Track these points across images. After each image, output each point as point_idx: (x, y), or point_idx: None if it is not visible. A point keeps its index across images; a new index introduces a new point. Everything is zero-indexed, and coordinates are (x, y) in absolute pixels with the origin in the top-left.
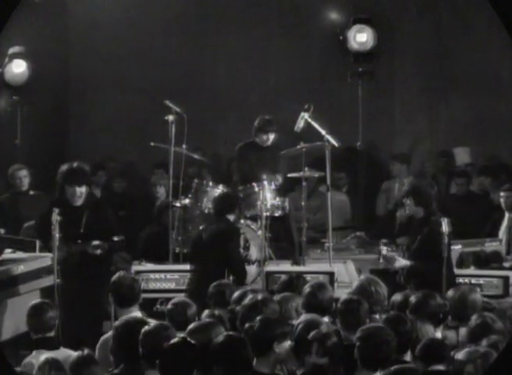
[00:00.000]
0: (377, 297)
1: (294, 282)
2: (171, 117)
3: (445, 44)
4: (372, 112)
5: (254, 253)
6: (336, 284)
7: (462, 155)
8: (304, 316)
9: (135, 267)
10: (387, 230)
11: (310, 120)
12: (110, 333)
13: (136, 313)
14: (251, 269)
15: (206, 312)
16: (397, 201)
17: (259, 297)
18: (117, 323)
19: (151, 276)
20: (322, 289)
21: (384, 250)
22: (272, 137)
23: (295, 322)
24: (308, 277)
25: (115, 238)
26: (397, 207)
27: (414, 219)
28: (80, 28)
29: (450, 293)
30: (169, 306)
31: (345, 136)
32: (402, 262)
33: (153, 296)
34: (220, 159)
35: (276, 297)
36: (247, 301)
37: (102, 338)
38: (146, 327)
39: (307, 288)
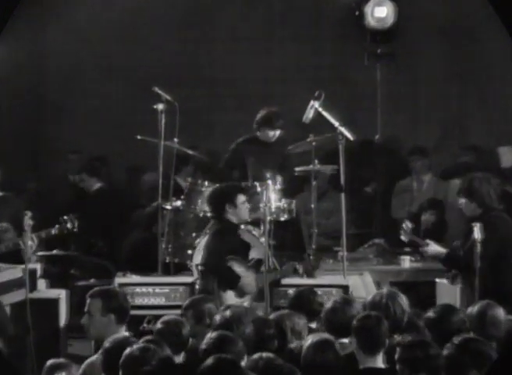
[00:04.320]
0: (396, 313)
1: (305, 297)
2: (160, 106)
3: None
4: (393, 100)
5: (252, 252)
6: None
7: (508, 156)
8: (313, 337)
9: (118, 279)
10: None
11: (320, 110)
12: (95, 356)
13: (123, 334)
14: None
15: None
16: (422, 204)
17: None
18: (106, 343)
19: (137, 289)
20: (348, 305)
21: (407, 226)
22: (277, 133)
23: (293, 345)
24: (319, 292)
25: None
26: (422, 210)
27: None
28: (58, 8)
29: (470, 308)
30: (159, 325)
31: (361, 127)
32: (436, 247)
33: (139, 313)
34: (217, 156)
35: (273, 315)
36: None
37: (87, 361)
38: (128, 349)
39: (329, 304)
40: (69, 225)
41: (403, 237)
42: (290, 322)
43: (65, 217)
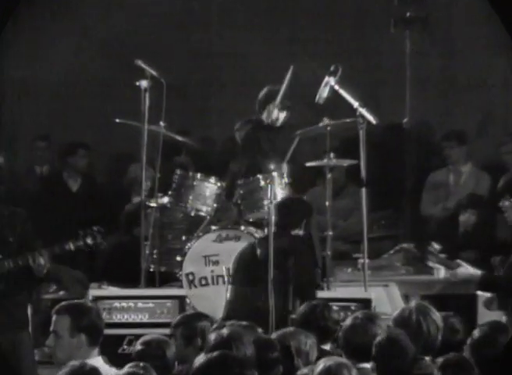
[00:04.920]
0: (430, 332)
1: (318, 313)
2: (144, 83)
3: None
4: (425, 75)
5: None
6: None
7: None
8: (327, 361)
9: (93, 292)
10: (445, 240)
11: (337, 88)
12: None
13: (96, 359)
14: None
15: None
16: (460, 201)
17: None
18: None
19: (116, 304)
20: (370, 323)
21: (434, 248)
22: (283, 115)
23: (303, 371)
24: (335, 307)
25: None
26: (460, 208)
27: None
28: None
29: None
30: (139, 346)
31: (386, 109)
32: (469, 269)
33: (118, 332)
34: (212, 143)
35: (275, 334)
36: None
37: None
38: None
39: (348, 320)
40: (89, 240)
41: (430, 263)
42: (295, 341)
43: (87, 230)
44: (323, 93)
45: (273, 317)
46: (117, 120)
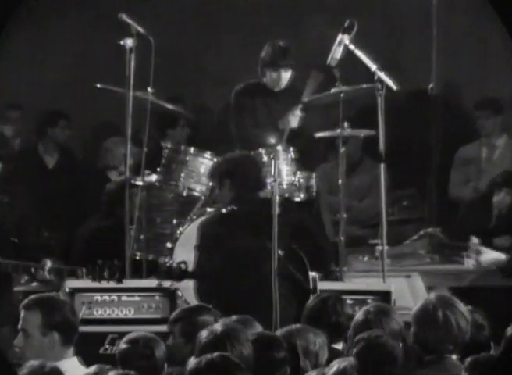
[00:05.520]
0: (461, 328)
1: (329, 307)
2: (130, 42)
3: None
4: (454, 33)
5: None
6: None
7: None
8: (340, 363)
9: (70, 283)
10: (477, 223)
11: (352, 47)
12: None
13: (71, 360)
14: None
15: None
16: (494, 178)
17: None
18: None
19: (97, 297)
20: (385, 317)
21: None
22: (287, 75)
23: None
24: (349, 300)
25: None
26: (494, 187)
27: None
28: None
29: None
30: (123, 345)
31: (409, 73)
32: (492, 254)
33: (99, 330)
34: (207, 112)
35: (280, 331)
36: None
37: None
38: None
39: (359, 315)
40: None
41: (471, 264)
42: (303, 340)
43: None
44: (336, 53)
45: (277, 312)
46: (98, 86)
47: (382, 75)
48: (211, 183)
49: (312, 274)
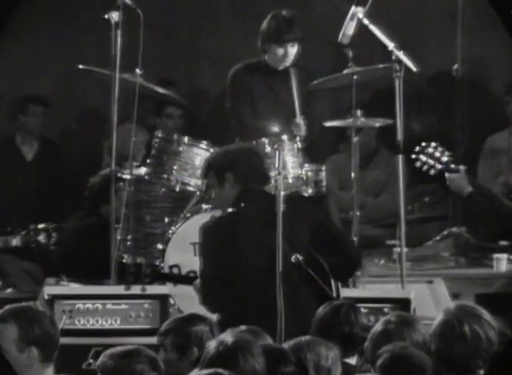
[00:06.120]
0: (491, 340)
1: (341, 317)
2: (116, 16)
3: None
4: (481, 8)
5: None
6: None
7: None
8: None
9: (50, 289)
10: (507, 223)
11: (367, 22)
12: None
13: None
14: None
15: None
16: None
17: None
18: None
19: (79, 305)
20: (407, 328)
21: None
22: (293, 51)
23: None
24: (363, 309)
25: None
26: None
27: None
28: None
29: None
30: (102, 360)
31: (431, 52)
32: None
33: (82, 342)
34: (203, 97)
35: (287, 344)
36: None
37: None
38: None
39: (378, 327)
40: (41, 238)
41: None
42: (313, 354)
43: (37, 226)
44: (348, 29)
45: (282, 322)
46: (80, 66)
47: (400, 54)
48: (205, 179)
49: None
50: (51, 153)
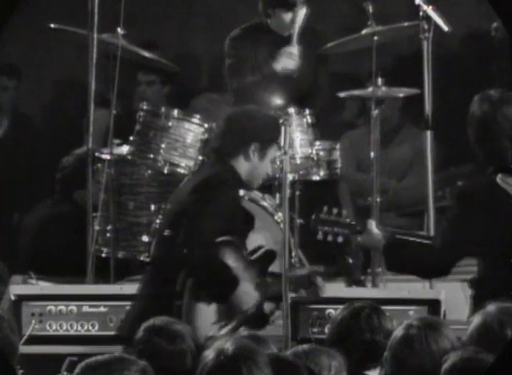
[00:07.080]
0: None
1: (362, 321)
2: None
3: None
4: None
5: (255, 236)
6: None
7: None
8: None
9: (15, 289)
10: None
11: None
12: None
13: None
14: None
15: None
16: None
17: None
18: None
19: (51, 307)
20: (434, 334)
21: None
22: (303, 13)
23: None
24: (386, 311)
25: None
26: None
27: None
28: None
29: None
30: (78, 372)
31: (465, 10)
32: None
33: (54, 350)
34: (194, 63)
35: (289, 352)
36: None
37: None
38: None
39: (398, 332)
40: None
41: None
42: (313, 365)
43: None
44: None
45: (288, 324)
46: (52, 26)
47: (429, 11)
48: (200, 158)
49: None
50: (23, 130)
